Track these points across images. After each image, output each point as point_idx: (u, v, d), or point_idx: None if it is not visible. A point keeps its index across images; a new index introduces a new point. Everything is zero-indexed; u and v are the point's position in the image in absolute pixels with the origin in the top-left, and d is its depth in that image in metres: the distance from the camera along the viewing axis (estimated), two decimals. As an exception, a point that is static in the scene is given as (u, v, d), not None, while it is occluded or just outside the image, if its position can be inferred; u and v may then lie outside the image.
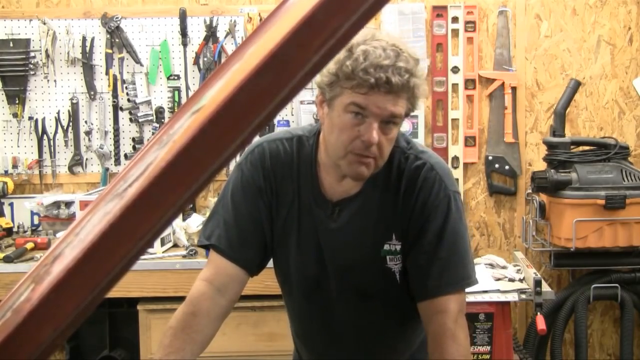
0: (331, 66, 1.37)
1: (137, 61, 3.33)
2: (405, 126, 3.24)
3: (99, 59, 3.35)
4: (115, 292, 2.44)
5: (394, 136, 1.41)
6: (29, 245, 2.96)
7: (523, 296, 2.73)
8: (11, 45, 3.31)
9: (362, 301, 1.56)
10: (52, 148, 3.37)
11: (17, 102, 3.32)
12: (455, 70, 3.35)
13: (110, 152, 3.38)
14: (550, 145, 3.15)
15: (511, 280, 2.82)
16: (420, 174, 1.48)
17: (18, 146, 3.37)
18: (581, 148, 3.19)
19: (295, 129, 1.62)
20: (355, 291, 1.55)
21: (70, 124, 3.36)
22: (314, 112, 3.29)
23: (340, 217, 1.51)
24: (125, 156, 3.38)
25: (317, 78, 1.42)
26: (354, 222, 1.51)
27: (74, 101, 3.34)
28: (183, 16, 3.30)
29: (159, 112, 3.35)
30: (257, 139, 1.60)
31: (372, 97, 1.35)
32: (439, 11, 3.34)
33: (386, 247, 1.50)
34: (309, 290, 1.58)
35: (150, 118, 3.35)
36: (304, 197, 1.53)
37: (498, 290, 2.71)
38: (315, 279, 1.55)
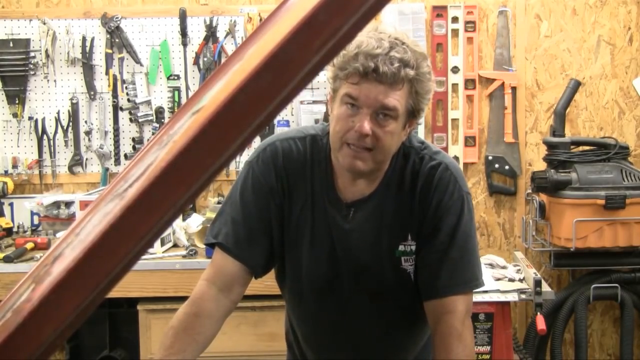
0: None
1: (137, 61, 3.33)
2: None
3: (99, 59, 3.35)
4: (116, 292, 2.43)
5: (391, 130, 1.39)
6: (29, 245, 2.96)
7: (523, 296, 2.73)
8: (11, 45, 3.31)
9: (374, 302, 1.55)
10: (52, 148, 3.37)
11: (17, 102, 3.32)
12: (455, 70, 3.35)
13: (110, 152, 3.38)
14: (550, 145, 3.15)
15: (511, 280, 2.82)
16: (435, 174, 1.47)
17: (18, 146, 3.37)
18: (581, 148, 3.19)
19: (307, 127, 1.60)
20: (369, 292, 1.54)
21: (70, 124, 3.35)
22: (315, 112, 3.29)
23: (355, 218, 1.50)
24: (125, 156, 3.38)
25: (327, 73, 1.43)
26: (368, 223, 1.50)
27: (74, 101, 3.34)
28: (183, 16, 3.30)
29: (159, 112, 3.35)
30: (268, 138, 1.59)
31: (363, 87, 1.35)
32: (439, 11, 3.34)
33: (401, 247, 1.50)
34: (321, 291, 1.56)
35: (150, 118, 3.35)
36: (318, 197, 1.51)
37: (498, 290, 2.71)
38: (327, 280, 1.54)
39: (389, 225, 1.50)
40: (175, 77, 3.34)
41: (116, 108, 3.35)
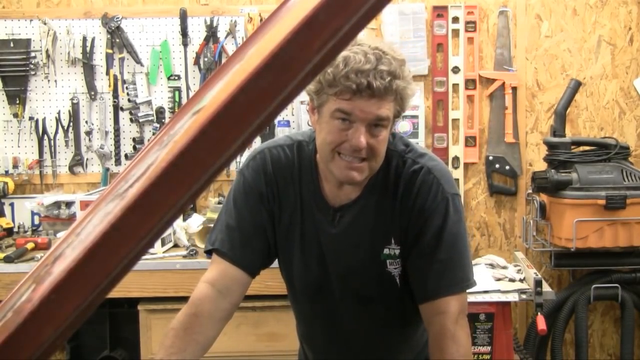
0: None
1: (138, 61, 3.33)
2: (406, 126, 3.24)
3: (99, 59, 3.35)
4: (116, 292, 2.43)
5: (384, 137, 1.42)
6: (30, 246, 2.96)
7: (523, 296, 2.73)
8: (12, 45, 3.31)
9: (363, 304, 1.57)
10: (52, 148, 3.37)
11: (17, 102, 3.32)
12: (456, 70, 3.34)
13: (111, 152, 3.38)
14: (550, 146, 3.15)
15: (512, 280, 2.82)
16: (417, 178, 1.48)
17: (18, 146, 3.37)
18: (582, 148, 3.19)
19: (295, 134, 1.62)
20: (357, 295, 1.56)
21: (71, 124, 3.36)
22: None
23: (341, 223, 1.52)
24: (126, 156, 3.38)
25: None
26: (354, 227, 1.52)
27: (75, 101, 3.35)
28: (183, 16, 3.30)
29: (160, 112, 3.35)
30: (258, 146, 1.62)
31: (356, 103, 1.36)
32: (440, 11, 3.34)
33: (386, 251, 1.51)
34: (312, 294, 1.59)
35: (150, 118, 3.35)
36: (306, 203, 1.54)
37: (498, 291, 2.71)
38: (317, 283, 1.57)
39: (373, 229, 1.51)
40: (176, 77, 3.34)
41: (117, 108, 3.35)
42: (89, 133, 3.36)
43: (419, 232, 1.47)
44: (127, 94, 3.34)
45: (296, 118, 3.34)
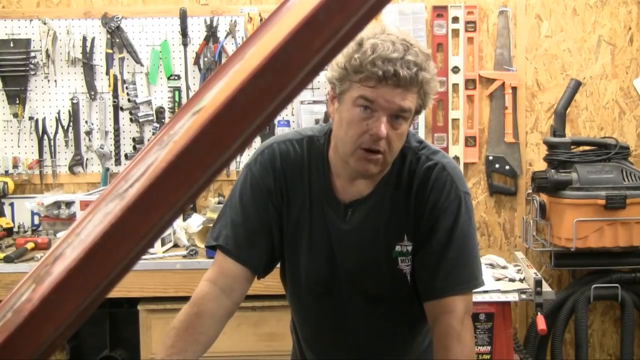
0: (340, 60, 1.36)
1: (138, 61, 3.33)
2: (406, 126, 3.23)
3: (99, 59, 3.35)
4: (116, 292, 2.43)
5: (403, 131, 1.40)
6: (30, 245, 2.96)
7: (523, 296, 2.73)
8: (12, 45, 3.31)
9: (372, 304, 1.55)
10: (52, 148, 3.37)
11: (17, 102, 3.32)
12: (456, 70, 3.34)
13: (111, 152, 3.38)
14: (550, 145, 3.15)
15: (511, 280, 2.82)
16: (431, 175, 1.47)
17: (18, 146, 3.37)
18: (581, 148, 3.19)
19: (305, 129, 1.60)
20: (367, 294, 1.54)
21: (71, 124, 3.36)
22: (315, 112, 3.29)
23: (353, 219, 1.50)
24: (126, 156, 3.38)
25: (328, 73, 1.42)
26: (366, 223, 1.50)
27: (75, 101, 3.35)
28: (183, 16, 3.30)
29: (160, 112, 3.35)
30: (267, 140, 1.59)
31: (381, 91, 1.34)
32: (440, 11, 3.34)
33: (398, 248, 1.50)
34: (320, 293, 1.56)
35: (150, 118, 3.35)
36: (316, 199, 1.52)
37: (498, 290, 2.71)
38: (326, 282, 1.54)
39: (385, 226, 1.50)
40: (176, 77, 3.34)
41: (117, 108, 3.35)
42: (89, 133, 3.36)
43: (430, 229, 1.47)
44: (127, 94, 3.34)
45: (296, 118, 3.34)
